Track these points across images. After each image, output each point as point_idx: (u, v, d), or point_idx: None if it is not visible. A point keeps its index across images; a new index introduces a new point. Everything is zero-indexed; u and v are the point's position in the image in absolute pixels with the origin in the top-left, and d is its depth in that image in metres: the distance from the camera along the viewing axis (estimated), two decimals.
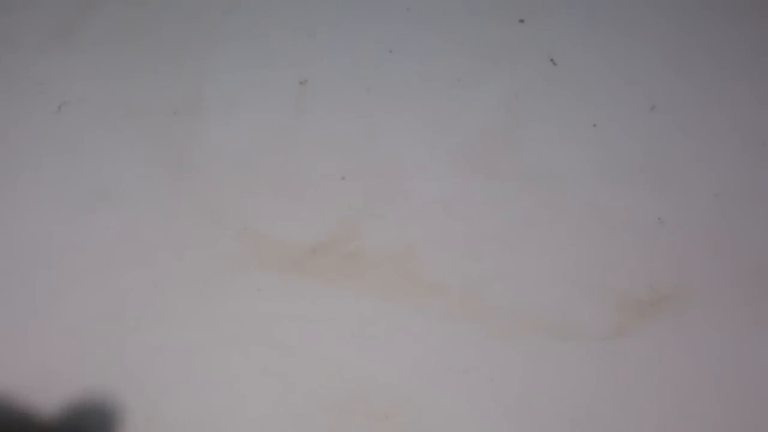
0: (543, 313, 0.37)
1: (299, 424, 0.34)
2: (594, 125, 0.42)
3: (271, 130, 0.42)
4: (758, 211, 0.39)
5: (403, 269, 0.38)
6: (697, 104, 0.43)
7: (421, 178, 0.41)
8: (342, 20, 0.46)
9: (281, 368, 0.35)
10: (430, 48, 0.45)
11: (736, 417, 0.34)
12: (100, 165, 0.41)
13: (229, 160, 0.41)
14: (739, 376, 0.35)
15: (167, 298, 0.37)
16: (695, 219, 0.39)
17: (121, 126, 0.43)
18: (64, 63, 0.45)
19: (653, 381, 0.35)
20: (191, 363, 0.35)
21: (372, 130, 0.42)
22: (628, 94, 0.43)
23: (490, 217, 0.39)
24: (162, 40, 0.46)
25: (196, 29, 0.46)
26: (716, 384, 0.35)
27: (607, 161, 0.41)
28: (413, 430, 0.34)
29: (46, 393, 0.33)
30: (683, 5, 0.46)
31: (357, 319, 0.37)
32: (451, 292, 0.37)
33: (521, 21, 0.46)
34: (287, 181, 0.41)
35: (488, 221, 0.39)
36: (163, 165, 0.41)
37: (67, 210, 0.40)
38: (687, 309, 0.36)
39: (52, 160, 0.41)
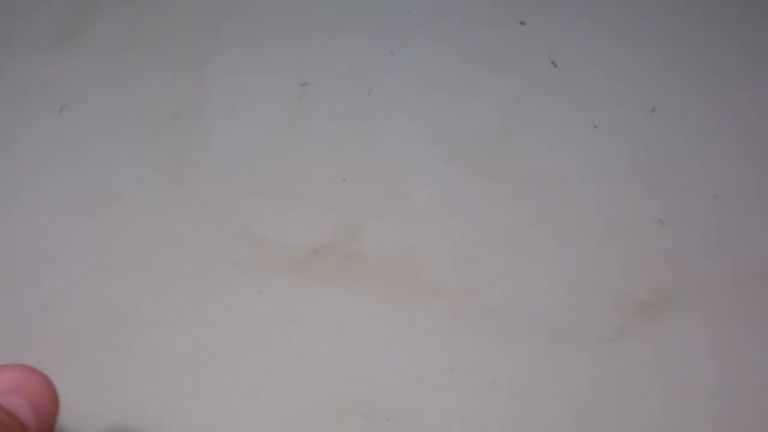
0: (543, 315, 0.37)
1: (300, 426, 0.34)
2: (595, 127, 0.42)
3: (272, 132, 0.42)
4: (758, 213, 0.39)
5: (404, 270, 0.38)
6: (698, 106, 0.43)
7: (422, 179, 0.41)
8: (343, 22, 0.46)
9: (282, 370, 0.35)
10: (431, 50, 0.45)
11: (737, 419, 0.34)
12: (100, 167, 0.41)
13: (230, 162, 0.41)
14: (739, 377, 0.35)
15: (168, 300, 0.37)
16: (695, 220, 0.39)
17: (122, 128, 0.43)
18: (65, 65, 0.45)
19: (654, 382, 0.35)
20: (192, 364, 0.35)
21: (373, 132, 0.42)
22: (629, 96, 0.43)
23: (491, 219, 0.39)
24: (163, 42, 0.46)
25: (197, 31, 0.46)
26: (717, 385, 0.35)
27: (608, 163, 0.41)
28: (414, 431, 0.34)
29: None
30: (684, 7, 0.46)
31: (358, 320, 0.37)
32: (452, 294, 0.37)
33: (522, 23, 0.46)
34: (288, 182, 0.41)
35: (489, 223, 0.39)
36: (164, 167, 0.41)
37: (68, 212, 0.40)
38: (687, 310, 0.36)
39: (52, 162, 0.41)
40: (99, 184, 0.41)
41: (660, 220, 0.39)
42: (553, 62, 0.44)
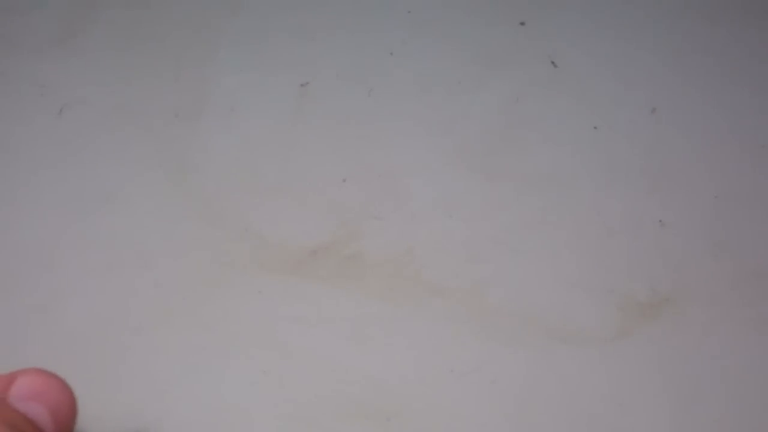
0: (544, 315, 0.37)
1: (300, 426, 0.34)
2: (595, 127, 0.42)
3: (272, 132, 0.42)
4: (758, 213, 0.39)
5: (404, 271, 0.38)
6: (697, 106, 0.43)
7: (422, 180, 0.41)
8: (343, 23, 0.46)
9: (282, 370, 0.35)
10: (431, 50, 0.45)
11: (737, 419, 0.34)
12: (100, 167, 0.41)
13: (230, 162, 0.41)
14: (739, 378, 0.35)
15: (168, 300, 0.37)
16: (696, 221, 0.39)
17: (122, 128, 0.43)
18: (65, 66, 0.45)
19: (654, 382, 0.35)
20: (192, 365, 0.35)
21: (373, 133, 0.42)
22: (629, 97, 0.43)
23: (490, 219, 0.39)
24: (163, 43, 0.46)
25: (197, 32, 0.46)
26: (717, 386, 0.35)
27: (608, 163, 0.41)
28: (414, 431, 0.34)
29: None
30: (684, 7, 0.46)
31: (358, 320, 0.37)
32: (451, 294, 0.37)
33: (522, 23, 0.46)
34: (288, 183, 0.41)
35: (489, 223, 0.39)
36: (164, 167, 0.41)
37: (68, 212, 0.40)
38: (688, 311, 0.36)
39: (53, 162, 0.41)
40: (99, 184, 0.41)
41: (660, 221, 0.39)
42: (553, 62, 0.44)
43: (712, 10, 0.46)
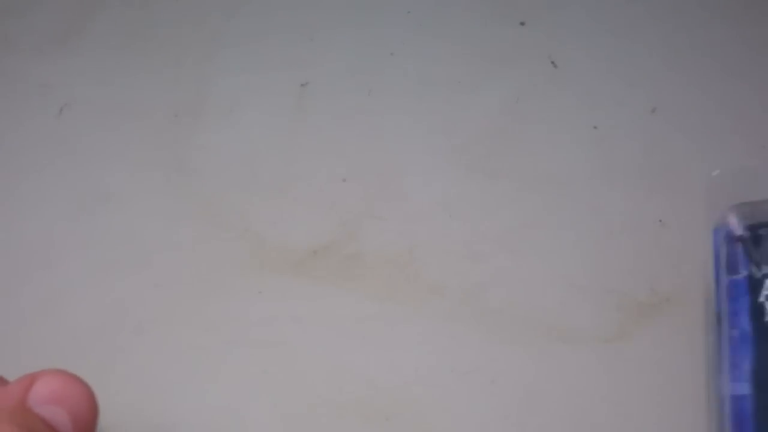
0: (544, 315, 0.37)
1: (300, 426, 0.34)
2: (595, 127, 0.42)
3: (272, 132, 0.42)
4: None
5: (404, 271, 0.38)
6: (698, 106, 0.43)
7: (422, 180, 0.41)
8: (343, 23, 0.46)
9: (282, 370, 0.35)
10: (431, 50, 0.45)
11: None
12: (100, 167, 0.41)
13: (230, 162, 0.41)
14: None
15: (168, 300, 0.37)
16: (695, 221, 0.39)
17: (121, 128, 0.43)
18: (65, 66, 0.45)
19: (654, 383, 0.35)
20: (192, 364, 0.35)
21: (373, 132, 0.42)
22: (629, 96, 0.43)
23: (490, 219, 0.39)
24: (163, 42, 0.46)
25: (197, 32, 0.46)
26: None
27: (608, 163, 0.41)
28: (414, 431, 0.34)
29: None
30: (684, 7, 0.46)
31: (358, 320, 0.37)
32: (451, 294, 0.37)
33: (522, 23, 0.46)
34: (288, 183, 0.41)
35: (489, 223, 0.39)
36: (164, 167, 0.41)
37: (68, 212, 0.40)
38: (687, 310, 0.36)
39: (52, 162, 0.41)
40: (99, 184, 0.41)
41: (660, 221, 0.39)
42: (553, 62, 0.44)
43: (712, 10, 0.46)
